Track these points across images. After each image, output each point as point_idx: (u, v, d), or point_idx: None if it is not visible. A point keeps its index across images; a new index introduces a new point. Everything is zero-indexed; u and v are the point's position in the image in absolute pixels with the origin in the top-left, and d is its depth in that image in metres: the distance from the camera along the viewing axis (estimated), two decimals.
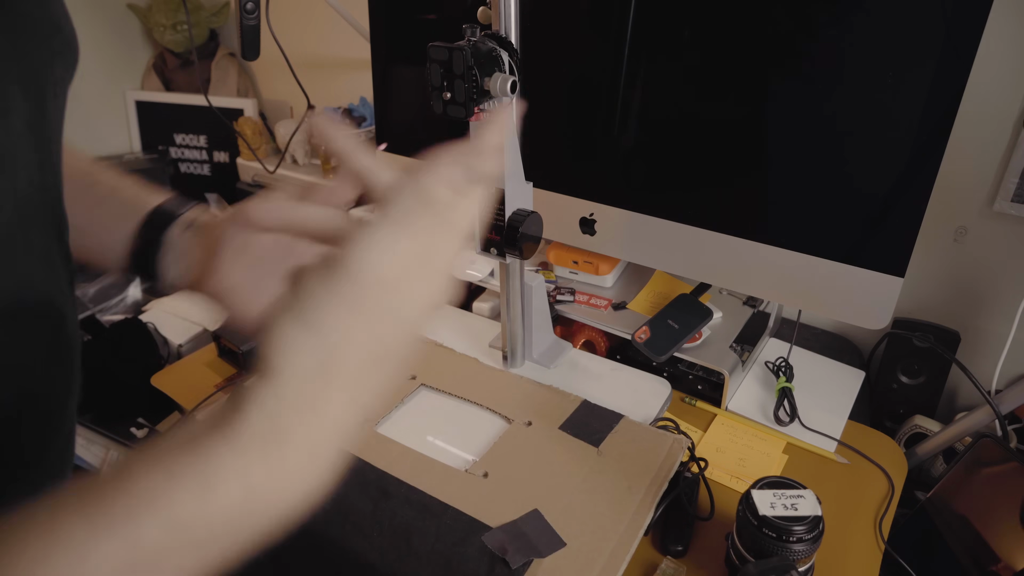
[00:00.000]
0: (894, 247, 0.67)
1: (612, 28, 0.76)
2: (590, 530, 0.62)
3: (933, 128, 0.62)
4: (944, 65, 0.60)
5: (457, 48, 0.61)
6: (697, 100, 0.75)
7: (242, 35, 0.97)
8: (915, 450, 0.87)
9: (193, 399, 0.86)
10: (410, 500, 0.65)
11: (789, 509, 0.58)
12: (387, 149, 1.03)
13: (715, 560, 0.64)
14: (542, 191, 0.86)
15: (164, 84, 1.74)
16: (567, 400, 0.77)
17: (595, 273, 0.93)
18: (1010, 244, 0.87)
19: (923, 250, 0.89)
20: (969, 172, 0.86)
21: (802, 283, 0.74)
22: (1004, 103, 0.82)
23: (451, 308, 1.01)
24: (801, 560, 0.57)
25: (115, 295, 1.34)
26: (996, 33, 0.69)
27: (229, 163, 1.68)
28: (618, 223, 0.84)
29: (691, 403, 0.85)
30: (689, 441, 0.73)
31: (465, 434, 0.73)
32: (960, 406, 0.97)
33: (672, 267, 0.83)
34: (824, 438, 0.79)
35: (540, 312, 0.85)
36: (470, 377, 0.82)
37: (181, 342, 1.14)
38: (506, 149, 0.69)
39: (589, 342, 0.92)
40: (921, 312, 0.96)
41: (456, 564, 0.59)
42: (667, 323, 0.84)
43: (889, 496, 0.72)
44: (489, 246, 0.77)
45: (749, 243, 0.75)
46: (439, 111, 0.64)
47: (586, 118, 0.82)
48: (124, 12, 1.66)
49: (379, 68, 0.98)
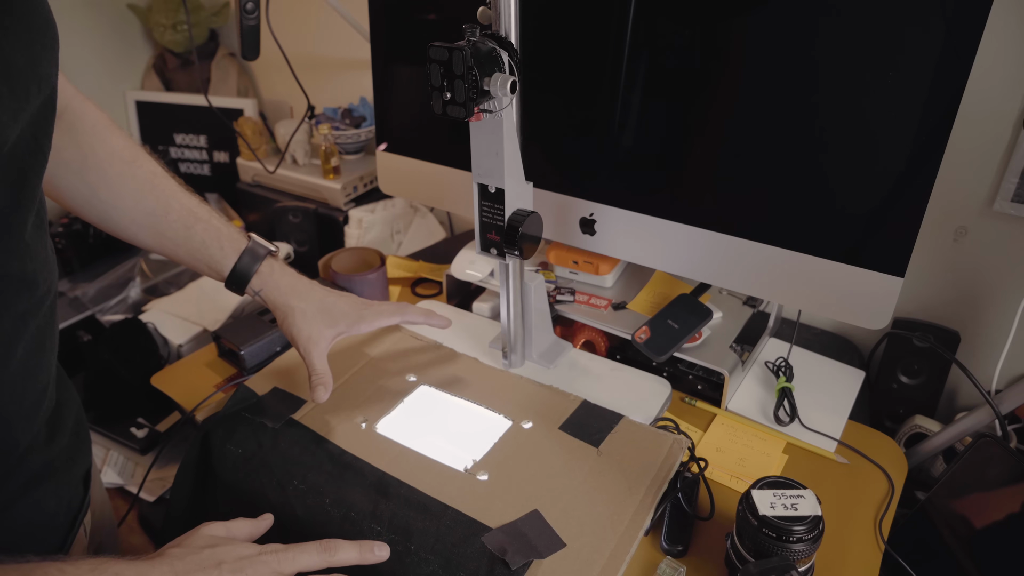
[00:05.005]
0: (894, 247, 0.67)
1: (612, 27, 0.76)
2: (590, 530, 0.62)
3: (933, 128, 0.62)
4: (944, 65, 0.60)
5: (457, 48, 0.61)
6: (697, 100, 0.75)
7: (242, 35, 0.97)
8: (915, 450, 0.87)
9: (193, 399, 0.86)
10: (410, 500, 0.65)
11: (789, 509, 0.58)
12: (387, 149, 1.03)
13: (715, 560, 0.64)
14: (542, 191, 0.86)
15: (164, 84, 1.74)
16: (567, 400, 0.77)
17: (595, 273, 0.93)
18: (1010, 244, 0.87)
19: (923, 250, 0.89)
20: (969, 172, 0.86)
21: (802, 283, 0.74)
22: (1004, 103, 0.82)
23: (451, 308, 1.01)
24: (801, 560, 0.57)
25: (115, 295, 1.35)
26: (996, 33, 0.69)
27: (229, 163, 1.68)
28: (618, 223, 0.84)
29: (691, 403, 0.85)
30: (689, 441, 0.73)
31: (465, 434, 0.73)
32: (960, 406, 0.97)
33: (672, 267, 0.83)
34: (824, 438, 0.79)
35: (540, 312, 0.85)
36: (470, 377, 0.82)
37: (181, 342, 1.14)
38: (506, 149, 0.69)
39: (589, 342, 0.92)
40: (921, 312, 0.96)
41: (456, 564, 0.59)
42: (667, 323, 0.84)
43: (889, 496, 0.72)
44: (489, 246, 0.77)
45: (749, 243, 0.75)
46: (439, 111, 0.64)
47: (586, 118, 0.82)
48: (124, 12, 1.66)
49: (379, 68, 0.98)
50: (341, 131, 1.43)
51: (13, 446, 0.50)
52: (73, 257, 1.44)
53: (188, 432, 0.86)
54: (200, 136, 1.70)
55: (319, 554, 0.53)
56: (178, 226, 0.69)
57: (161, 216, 0.68)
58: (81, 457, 0.59)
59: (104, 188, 0.65)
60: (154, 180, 0.68)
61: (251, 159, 1.51)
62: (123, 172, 0.65)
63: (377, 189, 1.41)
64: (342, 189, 1.39)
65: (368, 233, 1.35)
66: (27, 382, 0.50)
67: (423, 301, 1.03)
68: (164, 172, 0.70)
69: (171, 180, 0.70)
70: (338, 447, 0.71)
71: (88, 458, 0.61)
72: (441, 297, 1.06)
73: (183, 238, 0.69)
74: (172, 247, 0.70)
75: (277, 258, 0.74)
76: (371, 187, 1.45)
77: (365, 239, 1.35)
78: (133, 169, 0.66)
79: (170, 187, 0.69)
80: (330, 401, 0.77)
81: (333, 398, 0.78)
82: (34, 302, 0.49)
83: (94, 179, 0.64)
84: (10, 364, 0.47)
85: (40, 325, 0.50)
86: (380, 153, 1.04)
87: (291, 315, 0.71)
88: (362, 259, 1.08)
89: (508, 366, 0.86)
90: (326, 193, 1.41)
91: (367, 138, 1.46)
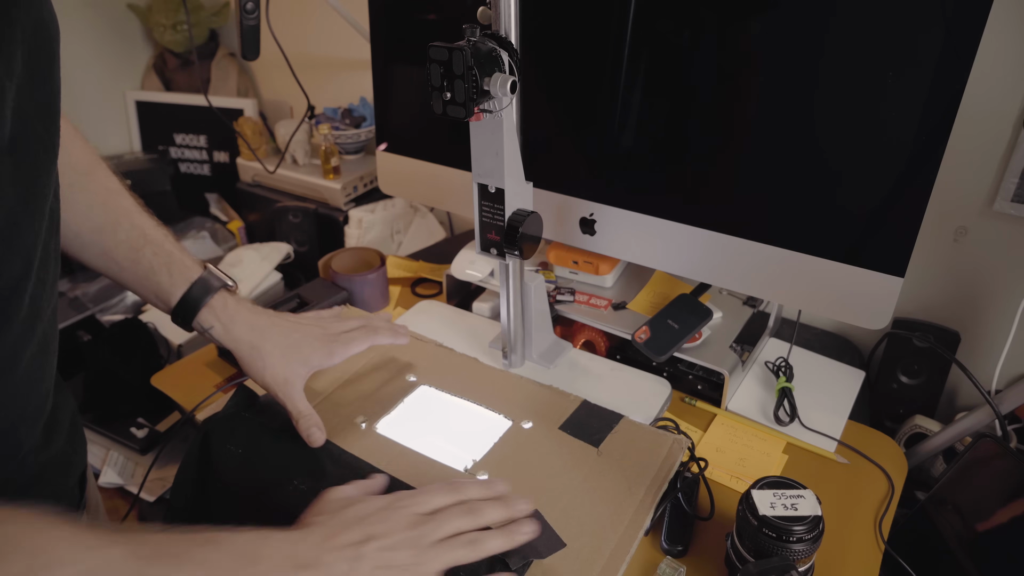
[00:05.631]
0: (894, 247, 0.67)
1: (612, 27, 0.76)
2: (590, 530, 0.62)
3: (933, 128, 0.62)
4: (944, 65, 0.60)
5: (457, 48, 0.61)
6: (697, 100, 0.75)
7: (242, 35, 0.97)
8: (915, 450, 0.87)
9: (193, 399, 0.86)
10: None
11: (789, 509, 0.58)
12: (387, 149, 1.03)
13: (715, 560, 0.64)
14: (542, 191, 0.86)
15: (164, 84, 1.74)
16: (567, 400, 0.77)
17: (595, 273, 0.93)
18: (1010, 244, 0.87)
19: (923, 250, 0.89)
20: (969, 172, 0.86)
21: (802, 283, 0.74)
22: (1004, 103, 0.82)
23: (451, 308, 1.01)
24: (801, 560, 0.57)
25: (115, 295, 1.35)
26: (996, 33, 0.69)
27: (229, 163, 1.68)
28: (618, 223, 0.84)
29: (691, 403, 0.85)
30: (689, 441, 0.73)
31: (465, 434, 0.73)
32: (960, 406, 0.97)
33: (672, 267, 0.83)
34: (824, 438, 0.79)
35: (540, 312, 0.85)
36: (470, 377, 0.82)
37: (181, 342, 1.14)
38: (506, 149, 0.69)
39: (589, 342, 0.92)
40: (921, 312, 0.96)
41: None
42: (667, 323, 0.84)
43: (889, 496, 0.72)
44: (489, 246, 0.77)
45: (749, 243, 0.75)
46: (439, 111, 0.64)
47: (586, 118, 0.82)
48: (124, 12, 1.66)
49: (379, 68, 0.98)
50: (341, 131, 1.43)
51: (16, 450, 0.49)
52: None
53: (188, 432, 0.86)
54: (200, 136, 1.70)
55: (448, 494, 0.55)
56: (125, 247, 0.64)
57: (109, 234, 0.63)
58: (77, 459, 0.59)
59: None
60: (107, 196, 0.64)
61: (251, 159, 1.51)
62: (73, 183, 0.61)
63: (377, 189, 1.41)
64: (342, 189, 1.39)
65: (368, 233, 1.36)
66: (32, 386, 0.49)
67: (423, 301, 1.03)
68: (121, 189, 0.65)
69: (128, 198, 0.65)
70: (338, 447, 0.71)
71: (83, 460, 0.61)
72: (441, 297, 1.06)
73: (129, 260, 0.64)
74: (117, 270, 0.65)
75: (234, 292, 0.69)
76: (371, 187, 1.45)
77: (365, 239, 1.35)
78: (85, 181, 0.62)
79: (124, 205, 0.64)
80: (330, 401, 0.77)
81: (333, 398, 0.78)
82: (42, 306, 0.48)
83: None
84: (17, 369, 0.47)
85: (45, 328, 0.49)
86: (380, 153, 1.04)
87: (258, 357, 0.67)
88: (362, 259, 1.08)
89: (508, 366, 0.86)
90: (326, 193, 1.41)
91: (367, 138, 1.46)
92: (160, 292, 0.66)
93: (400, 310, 1.04)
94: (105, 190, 0.64)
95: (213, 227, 1.59)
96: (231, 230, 1.60)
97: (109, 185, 0.64)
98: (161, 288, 0.65)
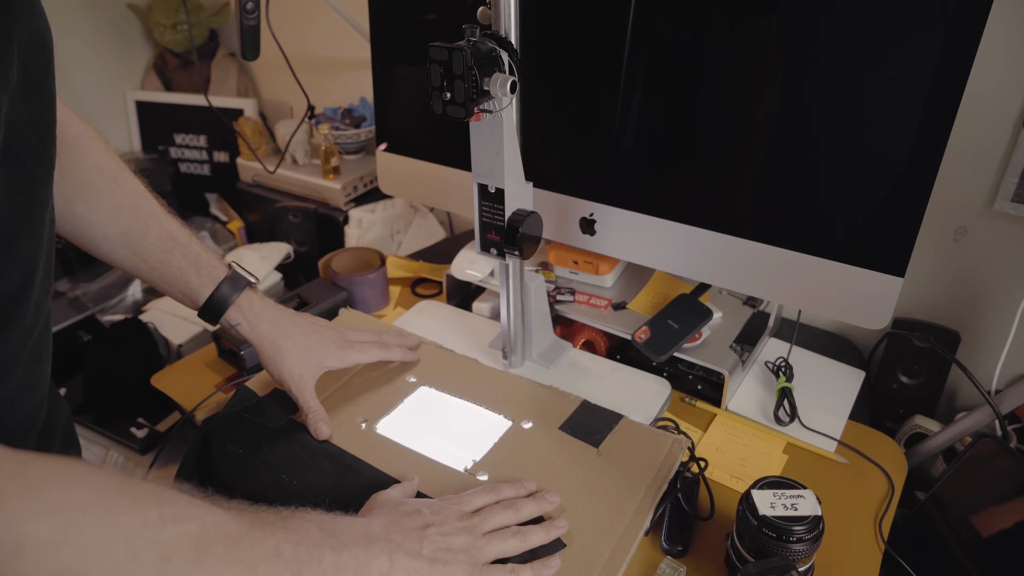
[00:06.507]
0: (894, 247, 0.67)
1: (612, 27, 0.76)
2: (590, 530, 0.62)
3: (933, 128, 0.62)
4: (944, 65, 0.60)
5: (457, 48, 0.61)
6: (697, 100, 0.75)
7: (242, 35, 0.97)
8: (915, 450, 0.87)
9: (193, 399, 0.86)
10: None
11: (789, 509, 0.58)
12: (387, 149, 1.03)
13: (715, 560, 0.64)
14: (542, 191, 0.86)
15: (164, 84, 1.74)
16: (567, 400, 0.77)
17: (595, 273, 0.93)
18: (1010, 244, 0.87)
19: (923, 250, 0.89)
20: (969, 172, 0.86)
21: (802, 283, 0.74)
22: (1004, 103, 0.82)
23: (451, 308, 1.01)
24: (801, 560, 0.57)
25: (115, 295, 1.35)
26: (996, 33, 0.69)
27: (229, 163, 1.68)
28: (618, 223, 0.84)
29: (691, 403, 0.85)
30: (689, 441, 0.73)
31: (465, 434, 0.73)
32: (960, 406, 0.97)
33: (672, 267, 0.83)
34: (824, 438, 0.79)
35: (540, 312, 0.85)
36: (470, 377, 0.82)
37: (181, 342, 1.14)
38: (506, 149, 0.69)
39: (589, 342, 0.92)
40: (921, 312, 0.96)
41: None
42: (667, 323, 0.84)
43: (889, 496, 0.72)
44: (489, 246, 0.77)
45: (749, 243, 0.75)
46: (439, 111, 0.64)
47: (586, 117, 0.82)
48: (124, 12, 1.66)
49: (379, 68, 0.98)
50: (341, 131, 1.43)
51: None
52: (73, 257, 1.44)
53: (188, 432, 0.86)
54: (200, 136, 1.70)
55: (488, 494, 0.60)
56: (155, 248, 0.67)
57: (138, 237, 0.66)
58: None
59: (80, 203, 0.63)
60: (135, 199, 0.66)
61: (251, 159, 1.51)
62: (102, 188, 0.64)
63: (377, 189, 1.41)
64: (342, 189, 1.39)
65: (368, 233, 1.36)
66: (27, 394, 0.49)
67: (423, 301, 1.03)
68: (147, 192, 0.68)
69: (153, 201, 0.68)
70: (338, 448, 0.71)
71: None
72: (441, 297, 1.06)
73: (159, 261, 0.67)
74: (147, 270, 0.67)
75: (257, 290, 0.72)
76: (371, 187, 1.45)
77: (365, 239, 1.35)
78: (114, 186, 0.65)
79: (151, 208, 0.67)
80: (330, 402, 0.77)
81: (333, 399, 0.78)
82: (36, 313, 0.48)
83: (70, 193, 0.62)
84: (11, 378, 0.46)
85: (38, 336, 0.49)
86: (380, 153, 1.04)
87: (278, 354, 0.71)
88: (362, 259, 1.08)
89: (508, 366, 0.86)
90: (326, 193, 1.41)
91: (367, 138, 1.46)
92: (188, 291, 0.69)
93: (400, 310, 1.04)
94: (133, 194, 0.66)
95: (213, 227, 1.59)
96: (231, 230, 1.60)
97: (136, 188, 0.67)
98: (190, 287, 0.69)
